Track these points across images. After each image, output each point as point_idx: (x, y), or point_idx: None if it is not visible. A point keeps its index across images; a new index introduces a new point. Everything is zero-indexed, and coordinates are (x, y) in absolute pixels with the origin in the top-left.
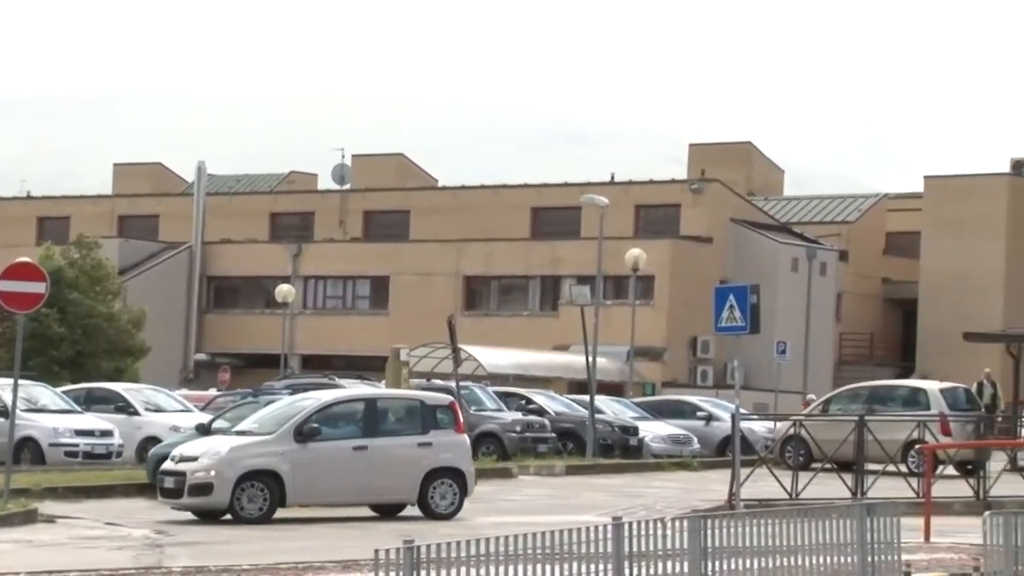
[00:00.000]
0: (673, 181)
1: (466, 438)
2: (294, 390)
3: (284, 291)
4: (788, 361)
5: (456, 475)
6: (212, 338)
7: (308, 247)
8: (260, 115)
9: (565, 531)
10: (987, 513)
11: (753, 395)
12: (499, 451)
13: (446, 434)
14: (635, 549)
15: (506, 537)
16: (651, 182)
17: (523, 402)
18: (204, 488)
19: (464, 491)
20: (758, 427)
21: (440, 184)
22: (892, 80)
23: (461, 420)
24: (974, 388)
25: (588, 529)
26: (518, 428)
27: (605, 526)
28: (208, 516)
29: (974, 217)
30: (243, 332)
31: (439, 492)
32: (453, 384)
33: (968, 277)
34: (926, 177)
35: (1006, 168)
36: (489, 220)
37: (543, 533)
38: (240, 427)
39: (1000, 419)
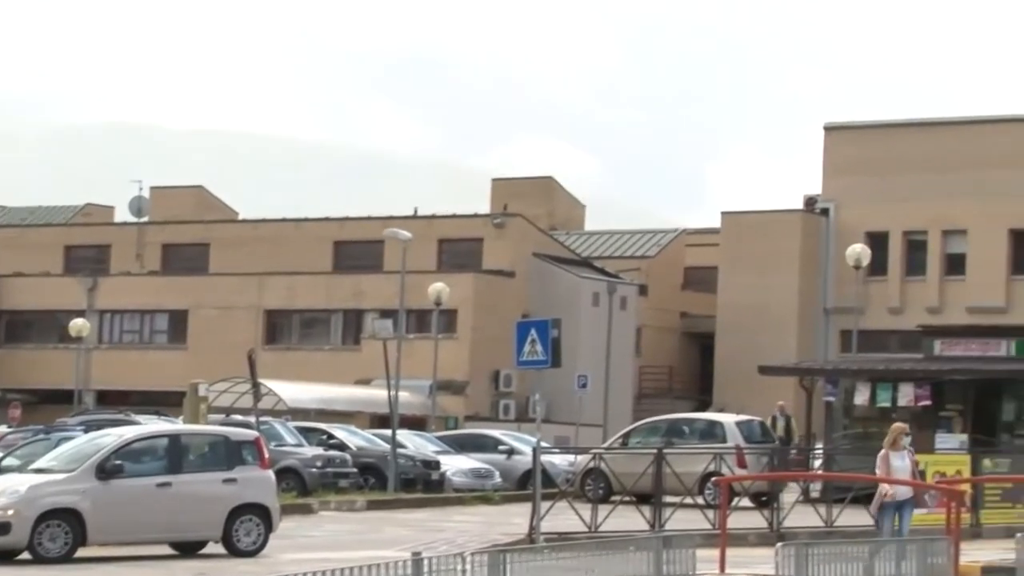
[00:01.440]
0: (476, 215)
1: (271, 474)
2: (88, 427)
3: (78, 325)
4: (589, 394)
5: (261, 511)
6: (3, 374)
7: (104, 280)
8: (55, 145)
9: (365, 567)
10: (779, 544)
11: (554, 428)
12: (299, 487)
13: (251, 470)
14: None
15: (304, 574)
16: (454, 216)
17: (324, 437)
18: (2, 527)
19: (269, 528)
20: (559, 460)
21: (241, 217)
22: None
23: (266, 456)
24: (768, 421)
25: (388, 565)
26: (319, 463)
27: (405, 561)
28: (6, 556)
29: (769, 253)
30: (36, 367)
31: (244, 529)
32: (253, 419)
33: (764, 311)
34: (723, 213)
35: (800, 205)
36: (291, 253)
37: (343, 569)
38: (38, 464)
39: (794, 451)
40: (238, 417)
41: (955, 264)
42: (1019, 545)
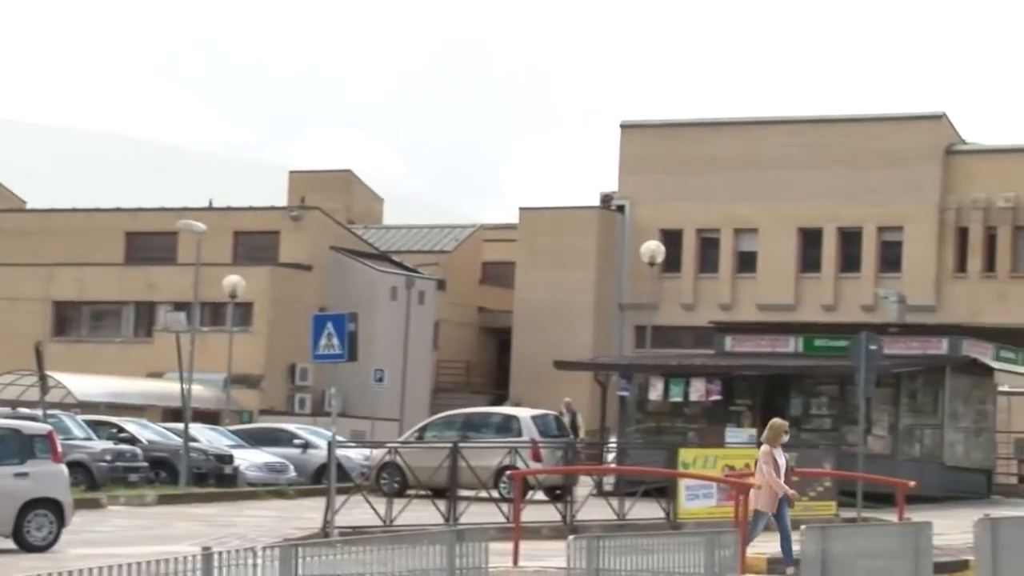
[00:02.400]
0: (272, 208)
1: (64, 468)
2: None
3: None
4: (386, 388)
5: (53, 506)
6: None
7: None
8: None
9: (153, 562)
10: (571, 537)
11: (351, 422)
12: (87, 481)
13: (43, 464)
14: None
15: (90, 569)
16: (250, 208)
17: (114, 430)
18: None
19: (61, 522)
20: (355, 454)
21: (29, 206)
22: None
23: (59, 449)
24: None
25: (178, 560)
26: (108, 457)
27: (195, 556)
28: None
29: (566, 249)
30: None
31: (35, 523)
32: (40, 412)
33: (560, 307)
34: (521, 209)
35: (596, 202)
36: (81, 244)
37: (131, 565)
38: None
39: (584, 445)
40: (24, 410)
41: (746, 262)
42: (804, 537)
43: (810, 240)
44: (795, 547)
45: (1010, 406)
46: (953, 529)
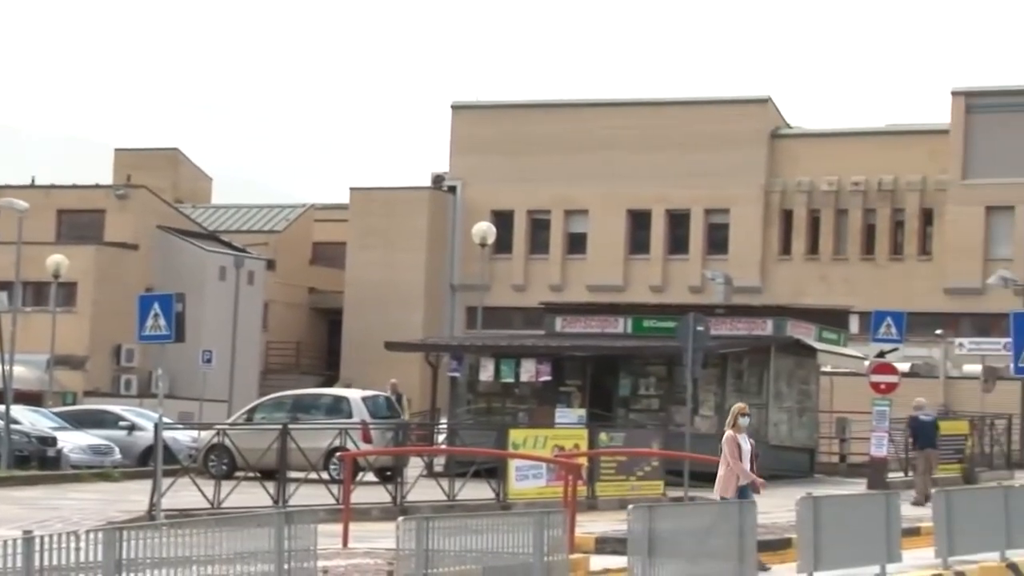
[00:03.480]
0: (97, 186)
1: None
2: None
3: None
4: (214, 370)
5: None
6: None
7: None
8: None
9: None
10: (401, 519)
11: (178, 404)
12: None
13: None
14: (47, 564)
15: None
16: (74, 187)
17: None
18: None
19: None
20: (182, 436)
21: None
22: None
23: None
24: None
25: None
26: None
27: (15, 540)
28: None
29: (397, 229)
30: None
31: None
32: None
33: (391, 287)
34: (352, 189)
35: (428, 182)
36: None
37: None
38: None
39: (415, 427)
40: None
41: (577, 243)
42: (631, 516)
43: (639, 222)
44: (622, 526)
45: (832, 386)
46: (777, 508)
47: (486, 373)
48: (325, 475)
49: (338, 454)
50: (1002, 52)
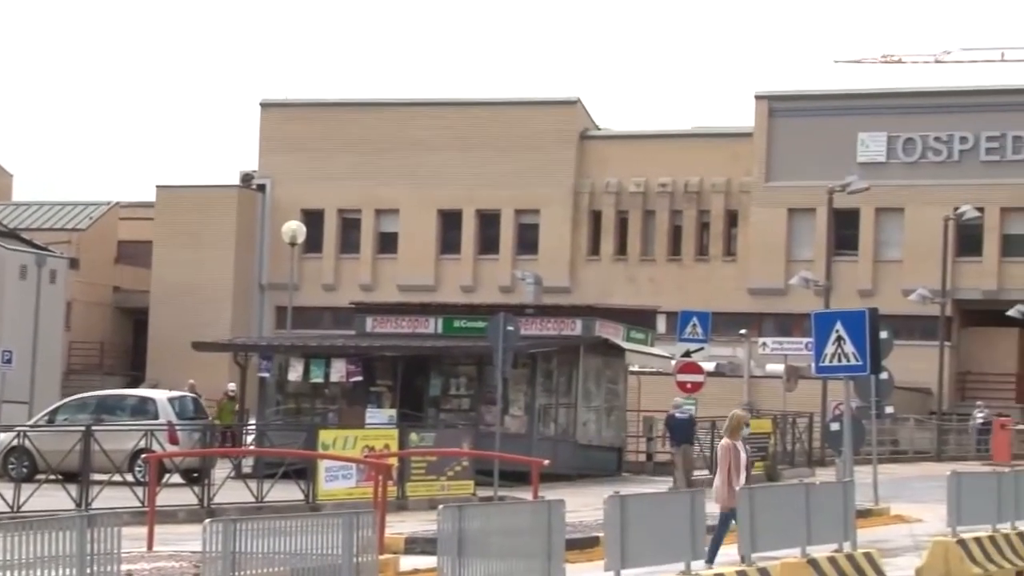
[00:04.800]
0: None
1: None
2: None
3: None
4: (14, 370)
5: None
6: None
7: None
8: None
9: None
10: (207, 520)
11: None
12: None
13: None
14: None
15: None
16: None
17: None
18: None
19: None
20: None
21: None
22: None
23: None
24: None
25: None
26: None
27: None
28: None
29: (205, 227)
30: None
31: None
32: None
33: (199, 287)
34: (158, 187)
35: (236, 180)
36: None
37: None
38: None
39: (222, 428)
40: None
41: (387, 243)
42: (440, 516)
43: (450, 222)
44: (432, 526)
45: (640, 385)
46: (585, 506)
47: (295, 373)
48: (130, 477)
49: (143, 456)
50: (804, 57)
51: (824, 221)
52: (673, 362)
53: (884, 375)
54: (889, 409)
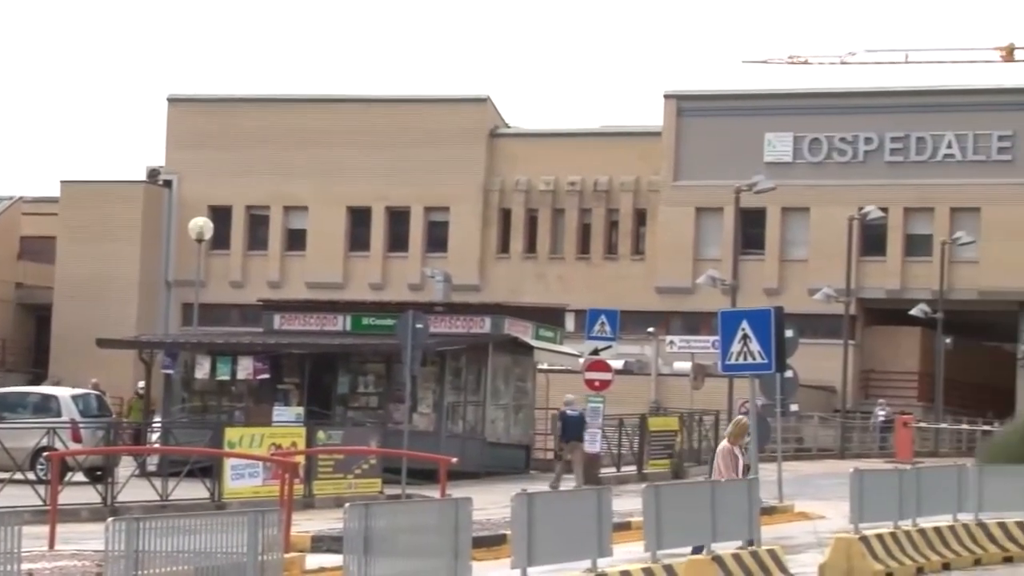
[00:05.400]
0: None
1: None
2: None
3: None
4: None
5: None
6: None
7: None
8: None
9: None
10: (110, 519)
11: None
12: None
13: None
14: None
15: None
16: None
17: None
18: None
19: None
20: None
21: None
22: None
23: None
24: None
25: None
26: None
27: None
28: None
29: (111, 223)
30: None
31: None
32: None
33: (104, 283)
34: (62, 182)
35: (143, 176)
36: None
37: None
38: None
39: (127, 425)
40: None
41: (296, 240)
42: (347, 514)
43: (359, 219)
44: (339, 524)
45: (548, 383)
46: (493, 504)
47: (202, 371)
48: (32, 475)
49: (45, 454)
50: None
51: (731, 220)
52: (581, 360)
53: (789, 373)
54: (794, 407)
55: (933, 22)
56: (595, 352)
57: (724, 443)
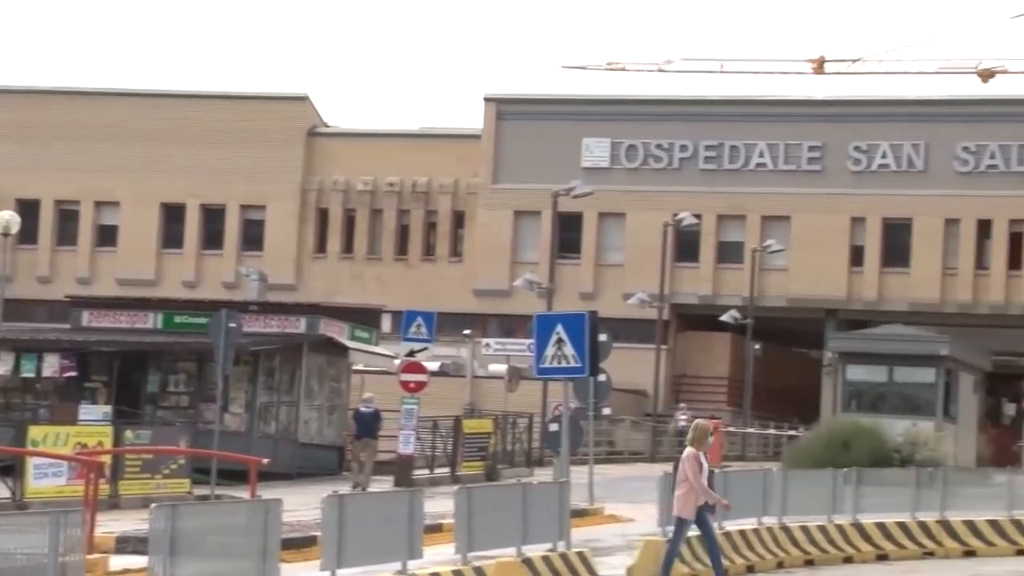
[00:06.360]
0: None
1: None
2: None
3: None
4: None
5: None
6: None
7: None
8: None
9: None
10: None
11: None
12: None
13: None
14: None
15: None
16: None
17: None
18: None
19: None
20: None
21: None
22: None
23: None
24: None
25: None
26: None
27: None
28: None
29: None
30: None
31: None
32: None
33: None
34: None
35: None
36: None
37: None
38: None
39: None
40: None
41: (107, 236)
42: (152, 515)
43: (173, 216)
44: (144, 525)
45: (363, 384)
46: (304, 506)
47: (5, 367)
48: None
49: None
50: (533, 61)
51: (548, 224)
52: (397, 361)
53: (602, 377)
54: (606, 410)
55: (748, 34)
56: (411, 353)
57: (688, 449)
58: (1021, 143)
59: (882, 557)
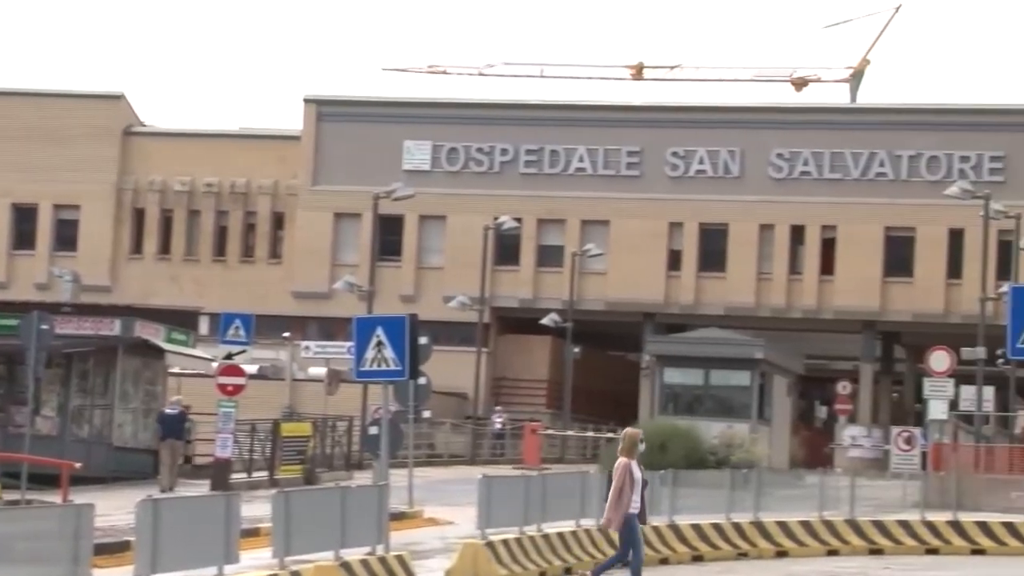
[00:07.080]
0: None
1: None
2: None
3: None
4: None
5: None
6: None
7: None
8: None
9: None
10: None
11: None
12: None
13: None
14: None
15: None
16: None
17: None
18: None
19: None
20: None
21: None
22: None
23: None
24: None
25: None
26: None
27: None
28: None
29: None
30: None
31: None
32: None
33: None
34: None
35: None
36: None
37: None
38: None
39: None
40: None
41: None
42: None
43: (23, 215)
44: None
45: (180, 387)
46: (118, 510)
47: None
48: None
49: None
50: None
51: (369, 226)
52: (214, 364)
53: (422, 380)
54: (426, 413)
55: (568, 39)
56: (229, 356)
57: (621, 459)
58: (833, 150)
59: (697, 558)
